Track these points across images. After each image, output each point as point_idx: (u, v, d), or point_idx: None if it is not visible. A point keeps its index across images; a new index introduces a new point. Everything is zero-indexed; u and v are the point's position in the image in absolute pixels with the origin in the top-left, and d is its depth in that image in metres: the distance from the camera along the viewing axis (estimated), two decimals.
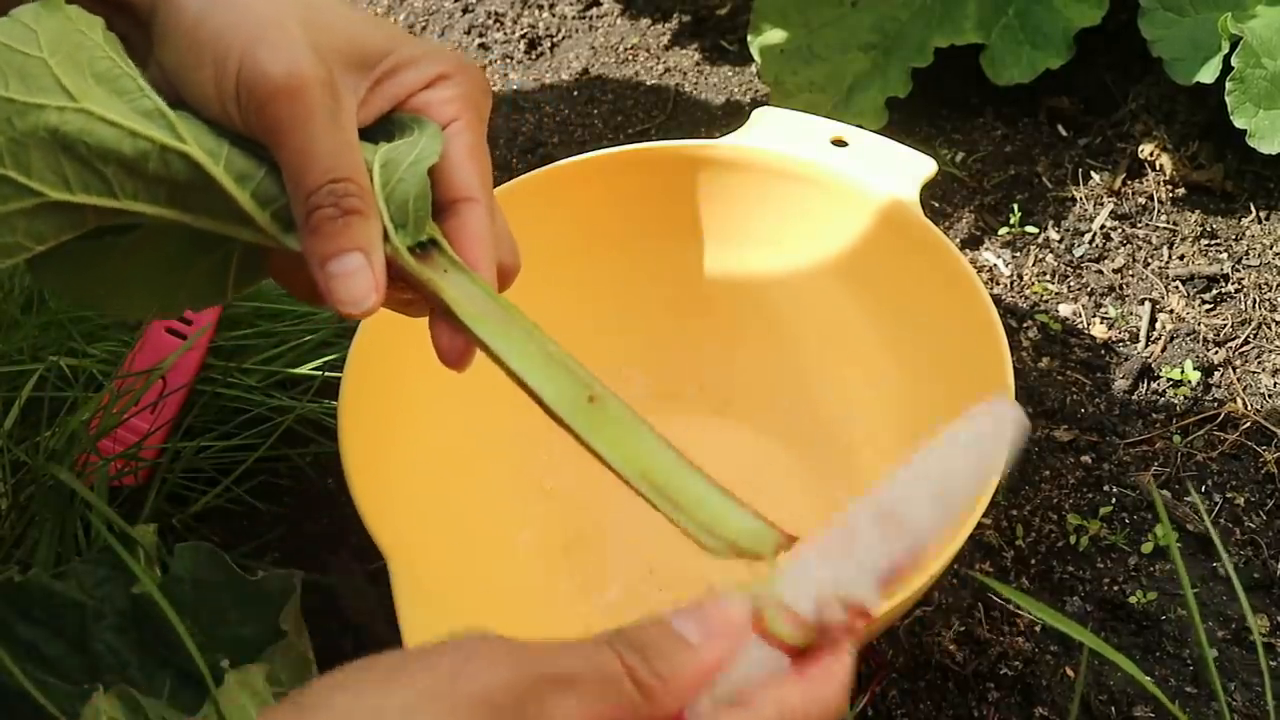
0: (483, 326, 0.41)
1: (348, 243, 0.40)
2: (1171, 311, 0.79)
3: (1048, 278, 0.82)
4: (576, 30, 1.05)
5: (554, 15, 1.06)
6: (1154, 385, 0.75)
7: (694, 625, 0.33)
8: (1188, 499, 0.69)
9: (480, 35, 1.05)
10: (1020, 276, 0.82)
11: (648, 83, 0.99)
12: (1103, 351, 0.77)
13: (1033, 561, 0.67)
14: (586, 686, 0.31)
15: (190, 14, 0.40)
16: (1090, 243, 0.83)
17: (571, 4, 1.07)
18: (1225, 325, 0.78)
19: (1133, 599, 0.65)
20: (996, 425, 0.37)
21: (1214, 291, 0.80)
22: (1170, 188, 0.86)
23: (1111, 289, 0.81)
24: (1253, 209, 0.84)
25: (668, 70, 1.00)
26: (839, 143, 0.69)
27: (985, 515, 0.60)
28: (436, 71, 0.43)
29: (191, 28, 0.40)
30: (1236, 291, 0.80)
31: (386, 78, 0.43)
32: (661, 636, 0.32)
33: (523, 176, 0.69)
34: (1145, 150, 0.86)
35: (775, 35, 0.93)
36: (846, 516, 0.36)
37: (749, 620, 0.33)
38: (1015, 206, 0.85)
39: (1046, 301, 0.80)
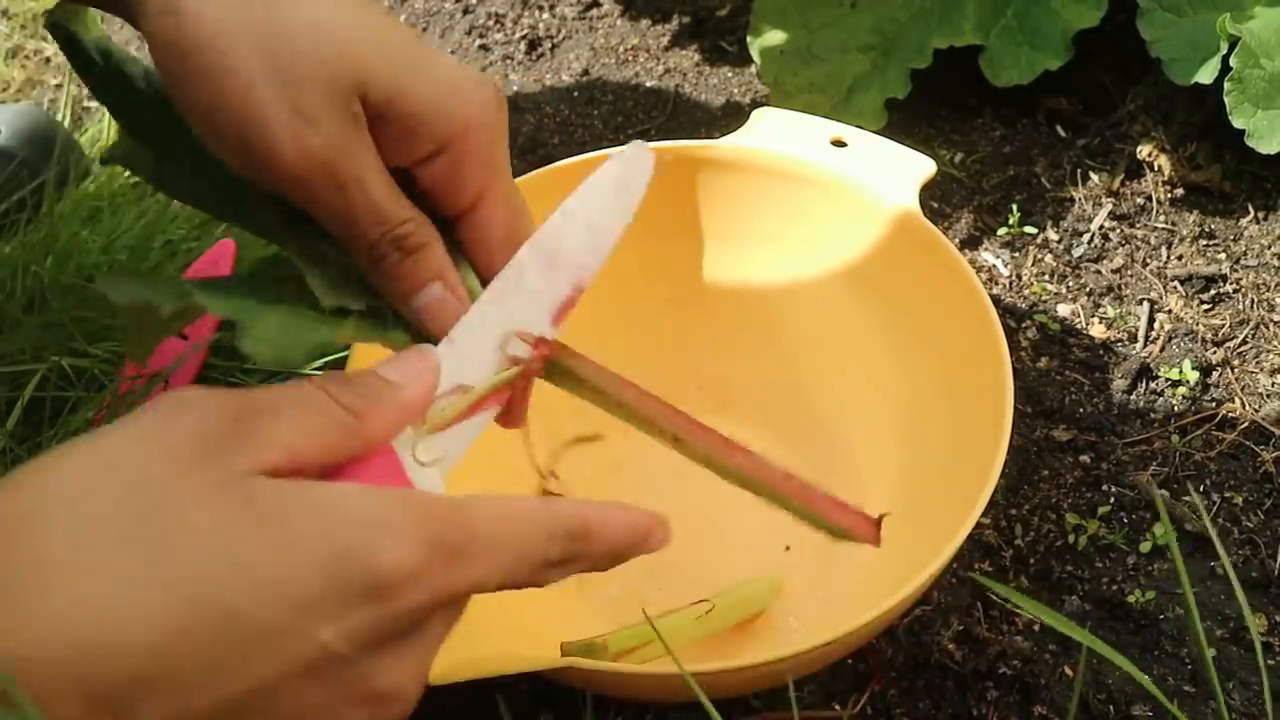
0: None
1: (425, 274, 0.41)
2: (1170, 311, 0.79)
3: (1046, 278, 0.82)
4: (577, 31, 1.05)
5: (554, 16, 1.06)
6: (1152, 385, 0.76)
7: (392, 368, 0.36)
8: (1186, 498, 0.69)
9: (481, 36, 1.05)
10: (1019, 276, 0.82)
11: (648, 84, 0.99)
12: (1101, 351, 0.78)
13: (1031, 561, 0.68)
14: (294, 411, 0.32)
15: (169, 73, 0.38)
16: (1089, 243, 0.84)
17: (572, 5, 1.07)
18: (1223, 325, 0.78)
19: (1131, 598, 0.65)
20: (632, 163, 0.42)
21: (1212, 291, 0.80)
22: (1169, 188, 0.86)
23: (1110, 289, 0.81)
24: (1251, 209, 0.84)
25: (668, 71, 1.00)
26: (838, 143, 0.69)
27: (984, 515, 0.60)
28: (445, 135, 0.40)
29: (181, 93, 0.38)
30: (1235, 291, 0.80)
31: (392, 123, 0.39)
32: (363, 374, 0.35)
33: (523, 177, 0.69)
34: (1144, 151, 0.87)
35: (775, 36, 0.93)
36: (511, 263, 0.41)
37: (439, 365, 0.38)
38: (1014, 207, 0.85)
39: (1045, 301, 0.81)
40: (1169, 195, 0.86)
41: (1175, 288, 0.81)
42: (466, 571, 0.32)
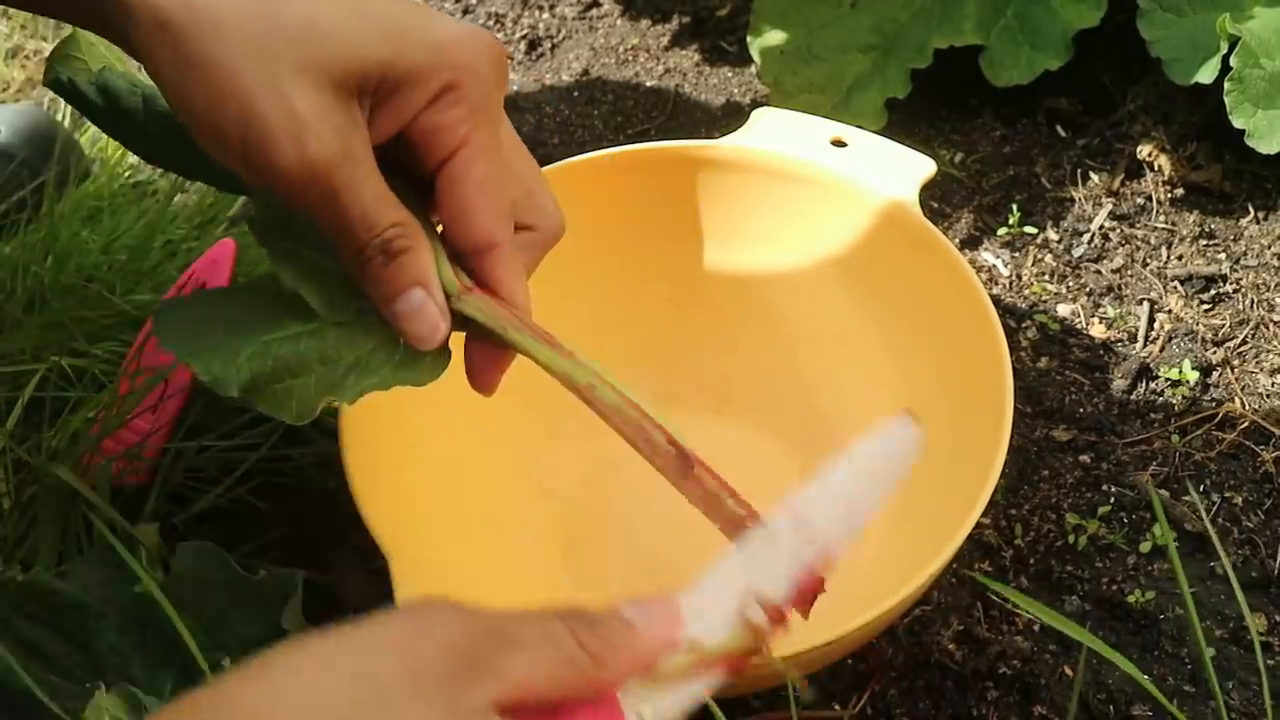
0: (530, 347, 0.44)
1: (404, 281, 0.41)
2: (1170, 311, 0.79)
3: (1046, 278, 0.82)
4: (577, 31, 1.05)
5: (554, 16, 1.06)
6: (1152, 385, 0.76)
7: (639, 613, 0.35)
8: (1186, 498, 0.69)
9: None
10: (1019, 276, 0.82)
11: (648, 83, 0.99)
12: (1101, 351, 0.78)
13: (1031, 561, 0.68)
14: (538, 647, 0.33)
15: (169, 82, 0.39)
16: (1089, 243, 0.84)
17: (572, 5, 1.07)
18: (1223, 325, 0.78)
19: (1131, 598, 0.65)
20: (899, 442, 0.41)
21: (1212, 291, 0.80)
22: (1169, 188, 0.86)
23: (1110, 289, 0.81)
24: (1250, 209, 0.84)
25: (668, 71, 1.00)
26: (838, 143, 0.69)
27: (984, 515, 0.60)
28: (440, 85, 0.41)
29: (178, 98, 0.39)
30: (1234, 291, 0.80)
31: (387, 97, 0.41)
32: (608, 615, 0.34)
33: None
34: (1144, 151, 0.87)
35: (775, 36, 0.93)
36: (765, 525, 0.39)
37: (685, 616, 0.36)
38: (1014, 207, 0.85)
39: (1045, 301, 0.81)
40: (1169, 195, 0.86)
41: (1175, 288, 0.81)
42: None
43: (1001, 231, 0.85)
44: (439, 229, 0.44)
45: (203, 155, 0.41)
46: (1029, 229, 0.85)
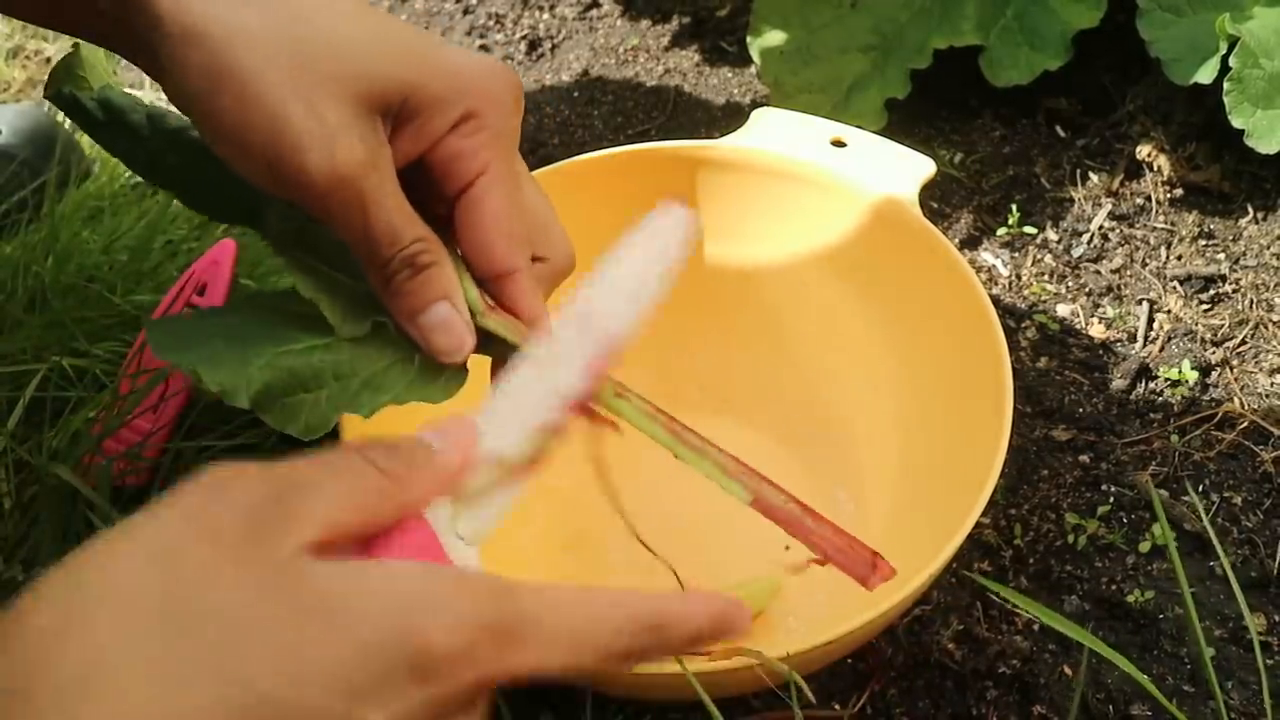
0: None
1: (431, 294, 0.42)
2: (1169, 311, 0.79)
3: (1046, 278, 0.82)
4: (577, 31, 1.05)
5: (554, 17, 1.07)
6: (1152, 385, 0.76)
7: (434, 435, 0.35)
8: (1185, 498, 0.70)
9: (481, 37, 1.05)
10: (1019, 277, 0.82)
11: (648, 84, 0.99)
12: (1100, 351, 0.78)
13: (1031, 560, 0.68)
14: (333, 483, 0.32)
15: (198, 93, 0.39)
16: (1088, 243, 0.84)
17: (572, 5, 1.07)
18: (1223, 325, 0.78)
19: (1130, 598, 0.65)
20: (673, 224, 0.42)
21: (1211, 292, 0.80)
22: (1168, 188, 0.86)
23: (1109, 289, 0.81)
24: (1250, 209, 0.84)
25: (668, 71, 1.00)
26: (838, 143, 0.70)
27: (984, 515, 0.60)
28: (459, 113, 0.41)
29: (206, 109, 0.39)
30: (1234, 292, 0.80)
31: (409, 120, 0.41)
32: (403, 439, 0.34)
33: None
34: (1143, 151, 0.87)
35: (775, 37, 0.93)
36: (545, 330, 0.41)
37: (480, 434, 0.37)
38: (1014, 207, 0.86)
39: (1045, 301, 0.81)
40: (1168, 195, 0.86)
41: (1174, 288, 0.81)
42: (520, 656, 0.31)
43: (1001, 232, 0.85)
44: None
45: (206, 177, 0.41)
46: (1028, 229, 0.85)
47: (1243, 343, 0.77)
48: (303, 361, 0.42)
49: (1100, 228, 0.85)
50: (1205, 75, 0.82)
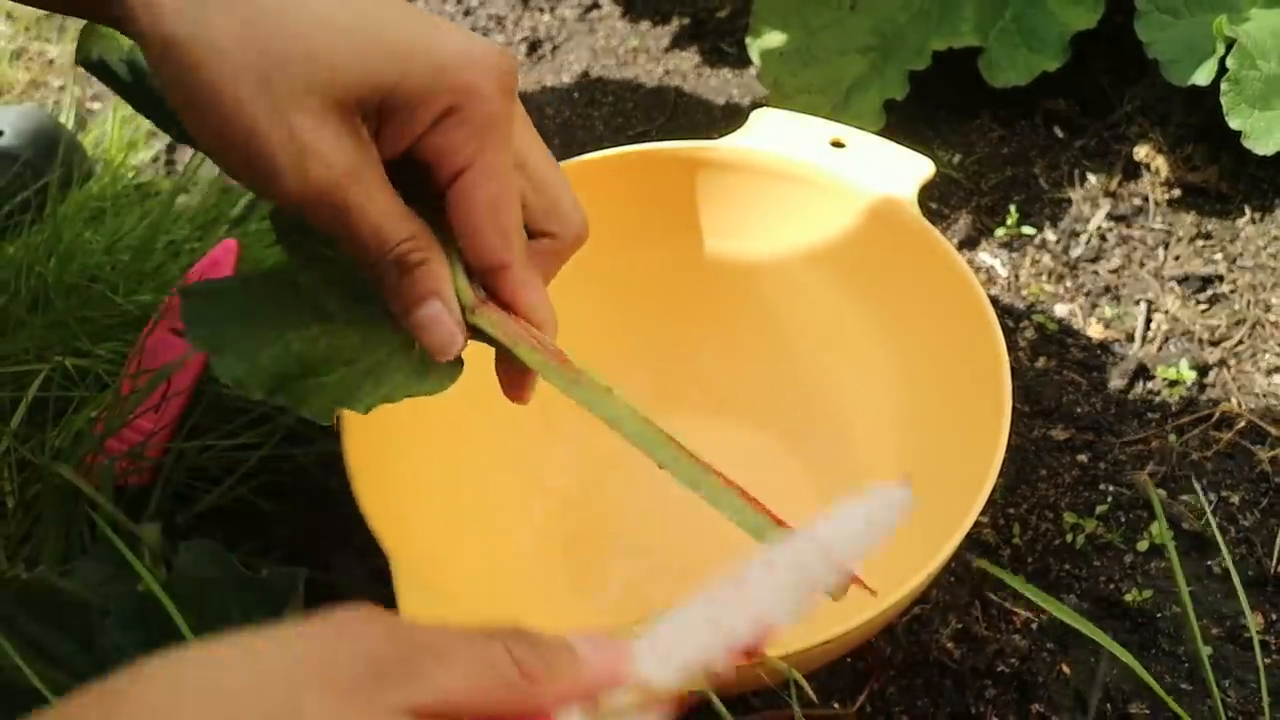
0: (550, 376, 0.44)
1: (420, 292, 0.42)
2: (1167, 312, 0.80)
3: (1044, 278, 0.82)
4: (577, 33, 1.05)
5: (554, 18, 1.07)
6: (1150, 385, 0.76)
7: (586, 643, 0.33)
8: (1183, 497, 0.70)
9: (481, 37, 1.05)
10: (1017, 277, 0.83)
11: (648, 85, 1.00)
12: (1099, 351, 0.78)
13: (1029, 560, 0.68)
14: (467, 661, 0.30)
15: (177, 107, 0.40)
16: (1086, 243, 0.84)
17: (572, 7, 1.07)
18: (1220, 325, 0.78)
19: (1128, 597, 0.66)
20: (890, 504, 0.38)
21: (1209, 292, 0.80)
22: (1166, 189, 0.86)
23: (1108, 289, 0.81)
24: (1247, 210, 0.85)
25: (667, 73, 1.01)
26: (837, 144, 0.70)
27: (982, 514, 0.60)
28: (441, 107, 0.41)
29: (186, 123, 0.40)
30: (1231, 292, 0.80)
31: (390, 117, 0.41)
32: (549, 638, 0.32)
33: None
34: (1141, 152, 0.87)
35: (774, 38, 0.94)
36: (738, 570, 0.36)
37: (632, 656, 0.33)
38: (1012, 208, 0.86)
39: (1043, 302, 0.81)
40: (1166, 196, 0.86)
41: (1172, 288, 0.81)
42: None
43: (999, 232, 0.85)
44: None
45: None
46: (1027, 229, 0.85)
47: (1240, 343, 0.78)
48: (311, 347, 0.42)
49: (1098, 228, 0.85)
50: (1203, 77, 0.82)
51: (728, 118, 0.95)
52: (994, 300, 0.78)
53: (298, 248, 0.44)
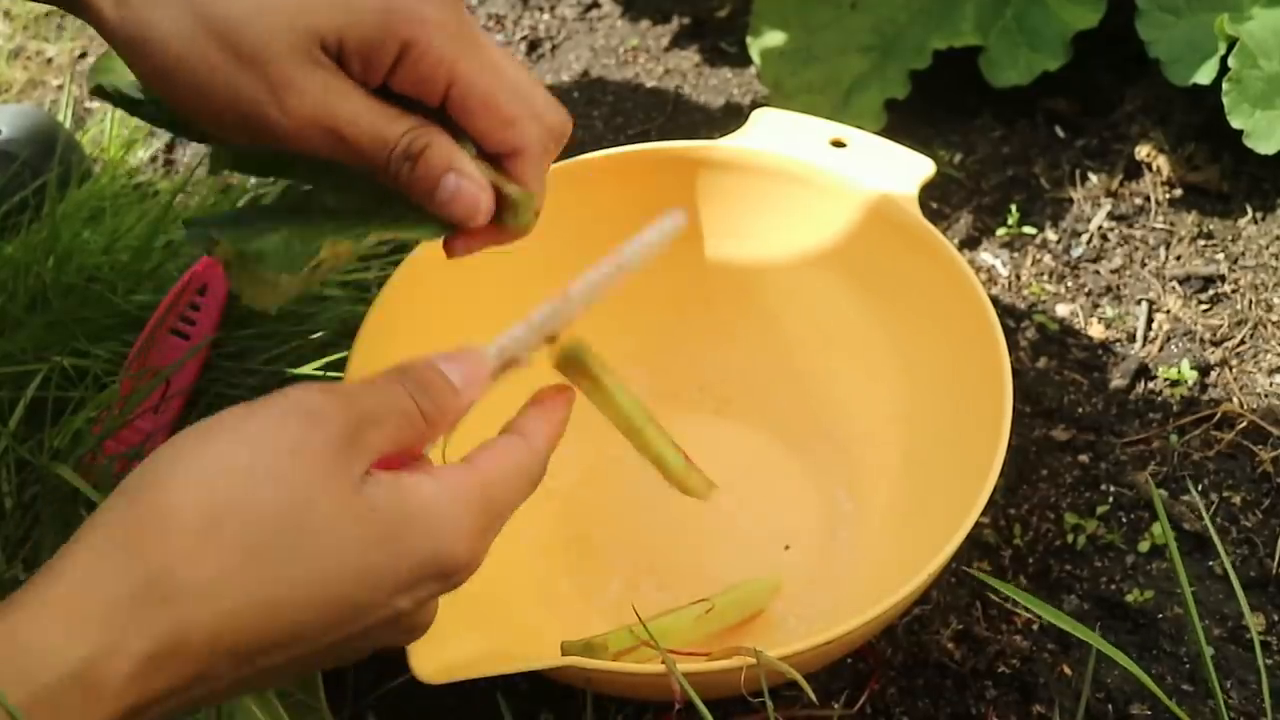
0: None
1: (435, 172, 0.44)
2: (1168, 311, 0.79)
3: (1045, 278, 0.82)
4: (577, 32, 1.05)
5: (554, 17, 1.07)
6: (1151, 385, 0.76)
7: (458, 373, 0.42)
8: (1184, 498, 0.70)
9: None
10: (1018, 277, 0.82)
11: (648, 84, 1.00)
12: (1100, 351, 0.78)
13: (1030, 560, 0.68)
14: (393, 420, 0.40)
15: (162, 95, 0.44)
16: (1087, 243, 0.84)
17: (572, 6, 1.07)
18: (1222, 325, 0.78)
19: (1130, 597, 0.65)
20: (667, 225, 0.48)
21: (1210, 292, 0.80)
22: (1167, 189, 0.86)
23: (1109, 289, 0.81)
24: (1249, 210, 0.84)
25: (668, 72, 1.01)
26: (838, 144, 0.70)
27: (983, 515, 0.60)
28: (397, 46, 0.43)
29: (174, 100, 0.44)
30: (1233, 292, 0.80)
31: (349, 59, 0.43)
32: (437, 379, 0.42)
33: None
34: (1142, 151, 0.87)
35: (775, 37, 0.93)
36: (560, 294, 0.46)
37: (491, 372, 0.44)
38: (1013, 207, 0.86)
39: (1044, 302, 0.81)
40: (1167, 196, 0.86)
41: (1174, 288, 0.81)
42: (498, 531, 0.42)
43: (1000, 232, 0.85)
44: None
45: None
46: (1028, 229, 0.85)
47: (1241, 343, 0.77)
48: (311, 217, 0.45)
49: (1099, 228, 0.85)
50: (1204, 76, 0.82)
51: (728, 117, 0.95)
52: (995, 300, 0.78)
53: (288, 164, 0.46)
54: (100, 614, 0.34)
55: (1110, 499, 0.70)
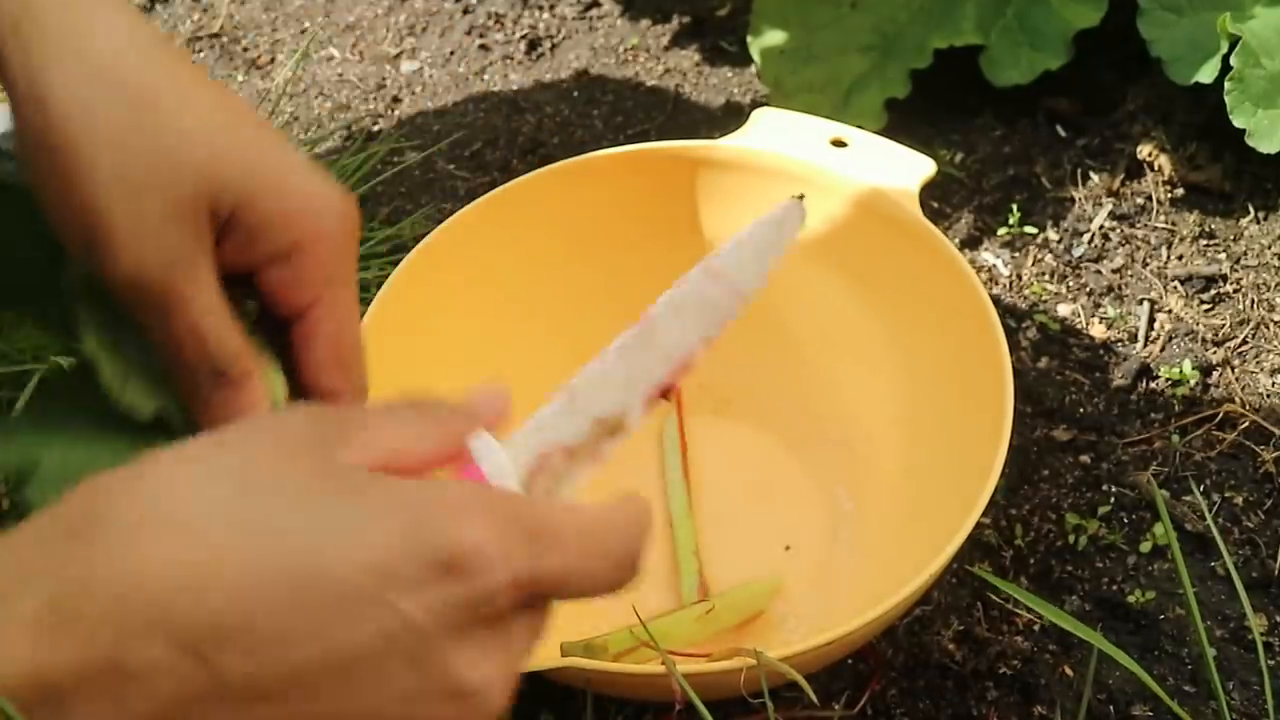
0: None
1: (239, 406, 0.41)
2: (1170, 311, 0.79)
3: (1046, 278, 0.82)
4: (577, 31, 1.05)
5: (554, 16, 1.07)
6: (1152, 385, 0.76)
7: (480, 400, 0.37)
8: (1186, 498, 0.69)
9: (480, 36, 1.05)
10: (1019, 276, 0.82)
11: (648, 84, 0.99)
12: (1101, 351, 0.78)
13: (1031, 561, 0.68)
14: (378, 422, 0.34)
15: (31, 161, 0.40)
16: (1089, 243, 0.84)
17: (571, 5, 1.07)
18: (1224, 325, 0.78)
19: (1131, 598, 0.65)
20: (785, 219, 0.43)
21: (1212, 291, 0.80)
22: (1169, 188, 0.86)
23: (1110, 289, 0.81)
24: (1251, 209, 0.84)
25: (667, 71, 1.00)
26: (838, 143, 0.69)
27: (984, 515, 0.60)
28: (288, 241, 0.41)
29: (36, 182, 0.40)
30: (1235, 291, 0.80)
31: (232, 232, 0.41)
32: (443, 401, 0.36)
33: (522, 178, 0.69)
34: (1144, 151, 0.87)
35: (775, 36, 0.93)
36: (646, 314, 0.40)
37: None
38: (1014, 207, 0.85)
39: (1045, 301, 0.81)
40: (1169, 195, 0.86)
41: (1175, 287, 0.81)
42: (546, 559, 0.32)
43: (1001, 231, 0.85)
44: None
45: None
46: (1029, 229, 0.85)
47: (1244, 342, 0.77)
48: (84, 454, 0.41)
49: (1101, 227, 0.85)
50: (1206, 75, 0.82)
51: (728, 117, 0.95)
52: (996, 300, 0.77)
53: (92, 317, 0.43)
54: None
55: (1112, 499, 0.70)
